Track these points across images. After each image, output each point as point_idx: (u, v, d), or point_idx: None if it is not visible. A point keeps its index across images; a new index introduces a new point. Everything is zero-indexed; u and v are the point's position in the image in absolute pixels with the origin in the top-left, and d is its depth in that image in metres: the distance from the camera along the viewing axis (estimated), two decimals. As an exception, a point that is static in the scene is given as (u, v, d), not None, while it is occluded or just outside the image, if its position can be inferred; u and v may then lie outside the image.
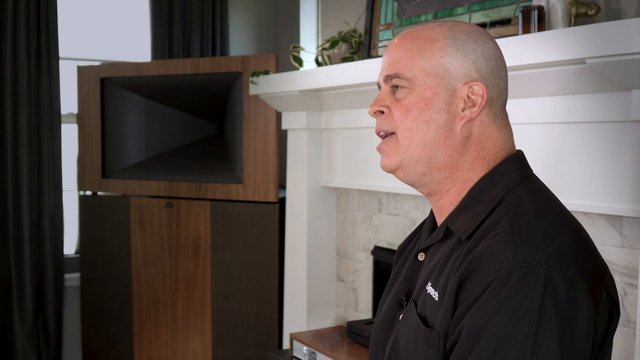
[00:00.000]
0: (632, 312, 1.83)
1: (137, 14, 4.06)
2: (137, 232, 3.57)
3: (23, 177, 3.58)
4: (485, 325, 0.91)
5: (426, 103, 1.05)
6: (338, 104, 2.87)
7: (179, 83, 3.47)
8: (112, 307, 3.68)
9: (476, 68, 1.06)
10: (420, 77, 1.06)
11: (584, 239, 1.01)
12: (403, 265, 1.21)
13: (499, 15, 2.17)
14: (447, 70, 1.05)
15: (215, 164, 3.48)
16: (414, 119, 1.05)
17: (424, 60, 1.06)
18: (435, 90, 1.05)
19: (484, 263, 0.94)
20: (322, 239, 3.11)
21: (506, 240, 0.94)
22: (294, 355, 2.75)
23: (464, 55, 1.05)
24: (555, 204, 1.04)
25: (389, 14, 2.64)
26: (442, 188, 1.08)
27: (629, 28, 1.55)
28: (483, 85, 1.05)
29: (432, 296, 1.03)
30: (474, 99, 1.05)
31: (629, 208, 1.75)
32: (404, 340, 1.06)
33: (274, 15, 4.31)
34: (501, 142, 1.08)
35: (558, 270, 0.91)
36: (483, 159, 1.06)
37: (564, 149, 1.92)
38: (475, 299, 0.93)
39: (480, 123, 1.06)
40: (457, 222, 1.04)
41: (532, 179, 1.07)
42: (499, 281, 0.91)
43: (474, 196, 1.05)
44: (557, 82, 1.86)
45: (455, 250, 1.03)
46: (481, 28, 1.11)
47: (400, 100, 1.07)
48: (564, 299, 0.91)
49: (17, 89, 3.56)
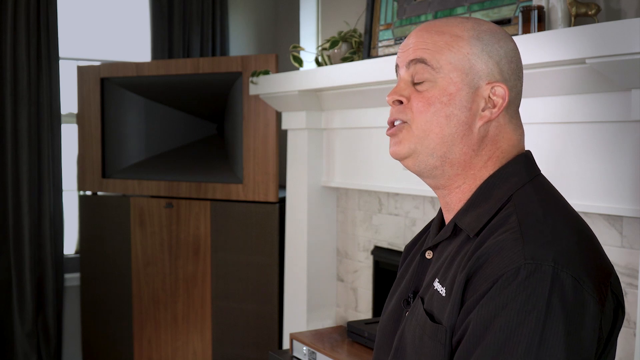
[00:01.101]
0: (632, 312, 1.83)
1: (137, 14, 4.06)
2: (137, 232, 3.57)
3: (23, 177, 3.58)
4: (492, 320, 0.91)
5: (449, 98, 1.04)
6: (338, 104, 2.87)
7: (179, 83, 3.47)
8: (112, 307, 3.68)
9: (499, 69, 1.05)
10: (446, 70, 1.04)
11: (590, 238, 1.02)
12: (410, 264, 1.21)
13: (499, 15, 2.17)
14: (472, 68, 1.04)
15: (215, 164, 3.48)
16: (436, 112, 1.04)
17: (451, 54, 1.04)
18: (459, 86, 1.04)
19: (492, 259, 0.95)
20: (322, 239, 3.11)
21: (514, 238, 0.95)
22: (294, 355, 2.74)
23: (488, 55, 1.05)
24: (562, 203, 1.05)
25: (389, 14, 2.64)
26: (452, 184, 1.08)
27: (629, 28, 1.55)
28: (505, 87, 1.05)
29: (439, 292, 1.03)
30: (494, 100, 1.05)
31: (629, 208, 1.75)
32: (411, 336, 1.07)
33: (274, 15, 4.31)
34: (515, 142, 1.08)
35: (565, 267, 0.92)
36: (497, 158, 1.07)
37: (564, 149, 1.92)
38: (483, 294, 0.93)
39: (497, 124, 1.07)
40: (465, 219, 1.04)
41: (540, 178, 1.07)
42: (506, 277, 0.92)
43: (483, 193, 1.05)
44: (557, 82, 1.86)
45: (463, 247, 1.03)
46: (503, 29, 1.10)
47: (423, 92, 1.06)
48: (571, 296, 0.91)
49: (17, 89, 3.56)
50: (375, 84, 2.50)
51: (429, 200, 2.60)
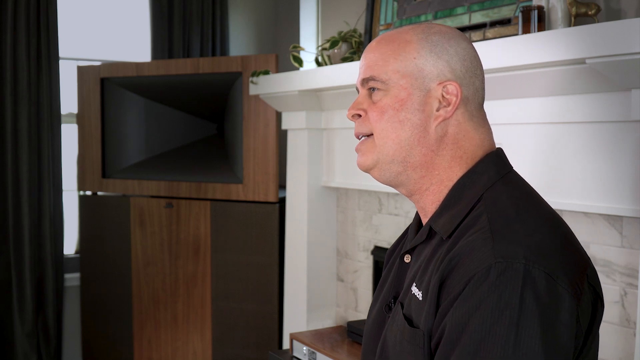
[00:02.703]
0: (632, 312, 1.83)
1: (137, 14, 4.06)
2: (137, 232, 3.57)
3: (23, 177, 3.58)
4: (467, 321, 0.92)
5: (401, 104, 1.06)
6: (338, 104, 2.87)
7: (179, 83, 3.47)
8: (112, 307, 3.68)
9: (450, 68, 1.07)
10: (394, 79, 1.07)
11: (564, 233, 1.02)
12: (391, 268, 1.22)
13: (499, 15, 2.17)
14: (421, 71, 1.06)
15: (215, 164, 3.48)
16: (389, 119, 1.07)
17: (398, 62, 1.07)
18: (410, 91, 1.06)
19: (464, 260, 0.95)
20: (322, 239, 3.11)
21: (484, 237, 0.95)
22: (294, 355, 2.75)
23: (437, 56, 1.06)
24: (534, 199, 1.05)
25: (389, 14, 2.64)
26: (420, 187, 1.09)
27: (629, 28, 1.55)
28: (457, 84, 1.06)
29: (416, 296, 1.04)
30: (448, 98, 1.06)
31: (629, 208, 1.75)
32: (392, 341, 1.07)
33: (274, 15, 4.31)
34: (478, 141, 1.09)
35: (537, 264, 0.92)
36: (460, 158, 1.07)
37: (564, 149, 1.92)
38: (456, 296, 0.94)
39: (456, 122, 1.07)
40: (439, 221, 1.05)
41: (511, 175, 1.08)
42: (478, 277, 0.92)
43: (454, 195, 1.06)
44: (557, 82, 1.86)
45: (437, 249, 1.04)
46: (456, 29, 1.12)
47: (376, 102, 1.09)
48: (544, 292, 0.91)
49: (17, 89, 3.56)
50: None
51: (429, 200, 2.60)
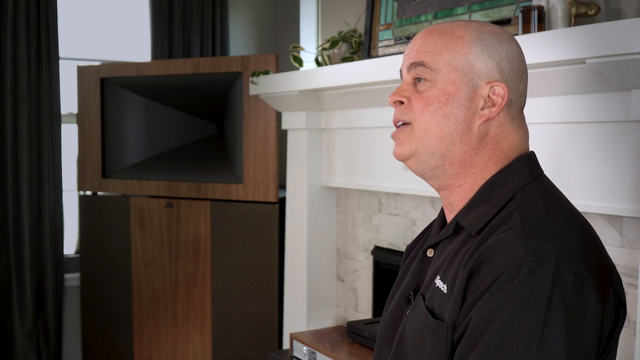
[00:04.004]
0: (632, 312, 1.83)
1: (137, 14, 4.06)
2: (137, 232, 3.57)
3: (23, 177, 3.58)
4: (493, 316, 0.92)
5: (447, 97, 1.06)
6: (338, 104, 2.87)
7: (179, 83, 3.47)
8: (112, 307, 3.68)
9: (499, 69, 1.07)
10: (444, 71, 1.06)
11: (592, 237, 1.02)
12: (410, 264, 1.22)
13: (499, 15, 2.17)
14: (471, 68, 1.06)
15: (215, 164, 3.48)
16: (434, 112, 1.06)
17: (450, 55, 1.06)
18: (458, 85, 1.06)
19: (494, 256, 0.95)
20: (322, 239, 3.11)
21: (516, 235, 0.96)
22: (294, 355, 2.74)
23: (488, 55, 1.07)
24: (565, 202, 1.06)
25: (389, 14, 2.64)
26: (453, 183, 1.09)
27: (629, 28, 1.55)
28: (504, 86, 1.06)
29: (440, 289, 1.04)
30: (494, 99, 1.06)
31: (629, 208, 1.75)
32: (411, 333, 1.08)
33: (274, 15, 4.31)
34: (517, 143, 1.09)
35: (567, 264, 0.92)
36: (497, 158, 1.08)
37: (564, 149, 1.92)
38: (484, 290, 0.94)
39: (497, 123, 1.07)
40: (468, 217, 1.05)
41: (542, 179, 1.08)
42: (508, 273, 0.93)
43: (485, 193, 1.06)
44: (557, 82, 1.86)
45: (464, 244, 1.04)
46: (506, 31, 1.12)
47: (422, 92, 1.08)
48: (572, 293, 0.92)
49: (17, 89, 3.56)
50: (375, 84, 2.50)
51: (429, 200, 2.60)
